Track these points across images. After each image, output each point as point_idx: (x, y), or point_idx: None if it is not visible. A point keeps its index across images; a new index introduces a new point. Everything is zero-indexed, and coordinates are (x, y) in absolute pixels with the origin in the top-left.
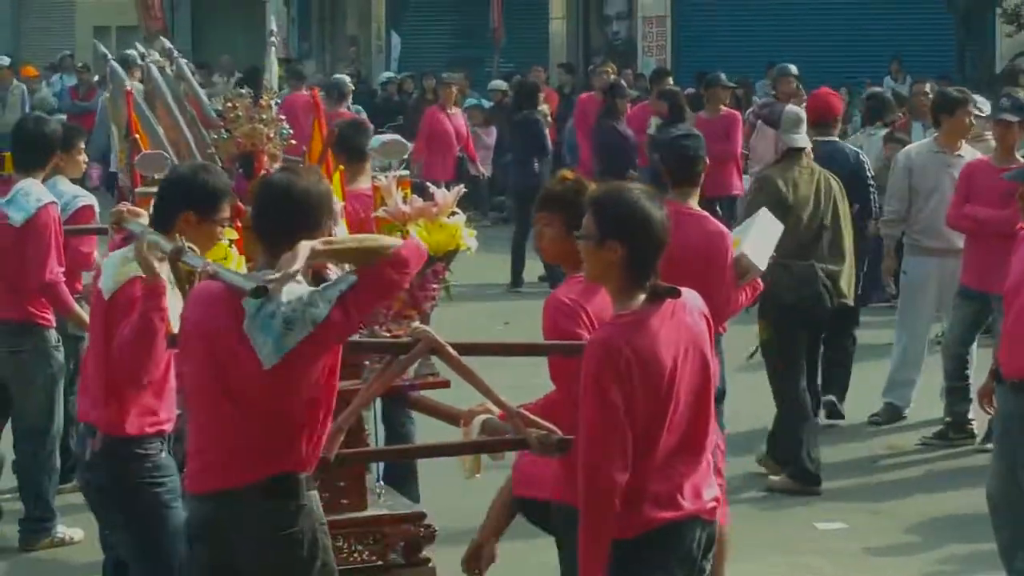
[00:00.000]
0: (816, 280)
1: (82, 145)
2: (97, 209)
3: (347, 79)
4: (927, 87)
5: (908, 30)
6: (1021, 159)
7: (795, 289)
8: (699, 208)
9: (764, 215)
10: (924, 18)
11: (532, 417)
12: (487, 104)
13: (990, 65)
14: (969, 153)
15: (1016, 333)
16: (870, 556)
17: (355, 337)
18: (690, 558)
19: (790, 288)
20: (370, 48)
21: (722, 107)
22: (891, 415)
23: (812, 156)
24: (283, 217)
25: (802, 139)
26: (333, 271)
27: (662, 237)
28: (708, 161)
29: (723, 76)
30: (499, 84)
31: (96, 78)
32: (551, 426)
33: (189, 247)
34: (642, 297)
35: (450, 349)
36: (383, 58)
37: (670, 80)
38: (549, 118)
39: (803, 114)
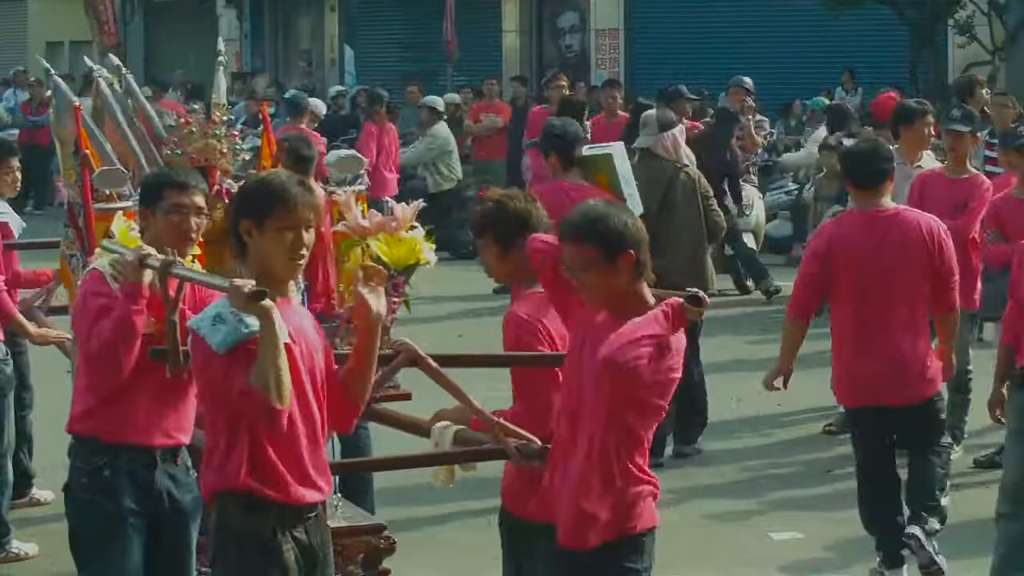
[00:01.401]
0: None
1: (13, 162)
2: (15, 227)
3: (304, 95)
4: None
5: (861, 42)
6: (973, 169)
7: None
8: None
9: (619, 149)
10: (877, 30)
11: (511, 427)
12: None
13: (942, 76)
14: (929, 164)
15: None
16: (825, 566)
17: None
18: None
19: None
20: (323, 62)
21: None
22: (846, 424)
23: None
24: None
25: (645, 140)
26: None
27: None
28: None
29: (684, 89)
30: (453, 97)
31: (48, 92)
32: (530, 436)
33: (178, 260)
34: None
35: (431, 360)
36: (336, 72)
37: (620, 90)
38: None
39: (652, 117)
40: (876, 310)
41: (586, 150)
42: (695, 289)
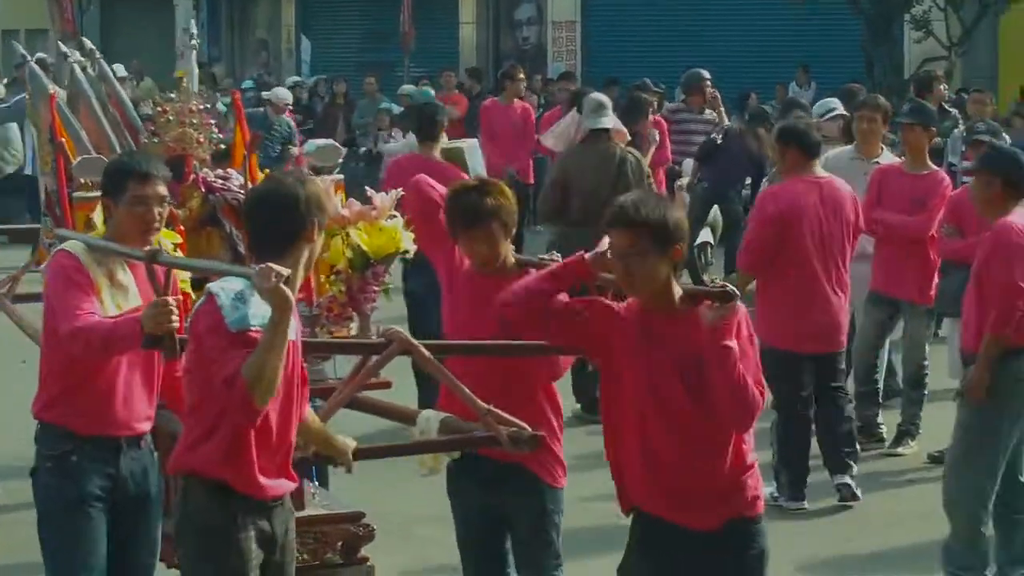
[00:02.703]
0: None
1: None
2: None
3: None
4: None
5: (817, 36)
6: (933, 166)
7: None
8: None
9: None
10: (832, 24)
11: (503, 415)
12: (397, 109)
13: (899, 71)
14: (887, 160)
15: None
16: (779, 560)
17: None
18: None
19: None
20: (280, 52)
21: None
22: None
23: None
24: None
25: (602, 121)
26: None
27: None
28: None
29: (649, 82)
30: (408, 89)
31: (5, 81)
32: (521, 423)
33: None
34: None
35: (423, 349)
36: (293, 62)
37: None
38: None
39: (606, 100)
40: (820, 267)
41: (444, 144)
42: (724, 283)
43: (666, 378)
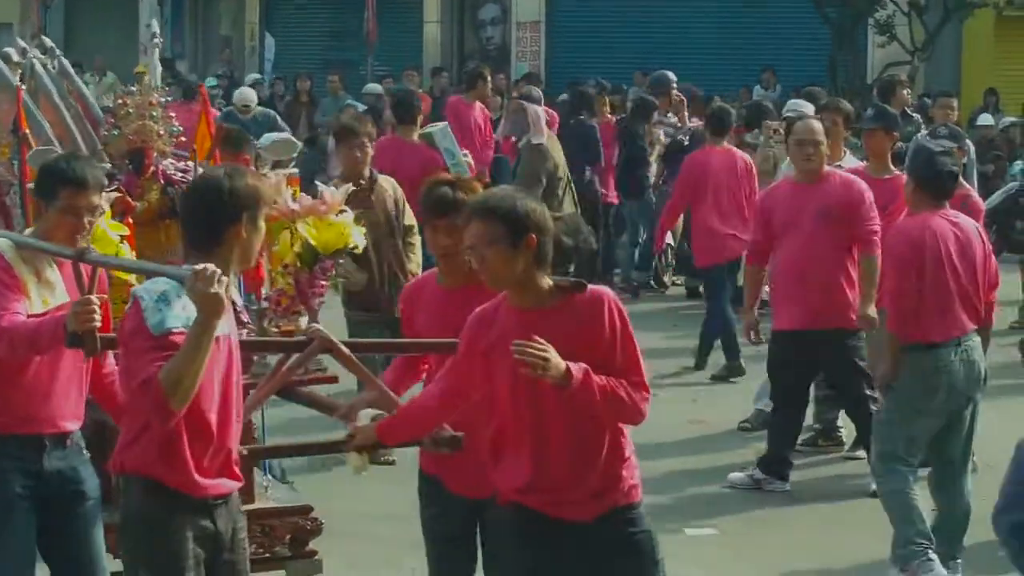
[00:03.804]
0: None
1: None
2: None
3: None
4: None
5: (780, 39)
6: (896, 170)
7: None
8: None
9: (441, 128)
10: (796, 27)
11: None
12: (361, 107)
13: (862, 75)
14: (849, 163)
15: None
16: (741, 562)
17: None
18: None
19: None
20: (244, 50)
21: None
22: (761, 421)
23: None
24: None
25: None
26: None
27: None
28: None
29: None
30: (374, 87)
31: None
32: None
33: (91, 247)
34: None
35: (343, 347)
36: (256, 59)
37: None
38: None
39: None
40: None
41: (422, 129)
42: (577, 278)
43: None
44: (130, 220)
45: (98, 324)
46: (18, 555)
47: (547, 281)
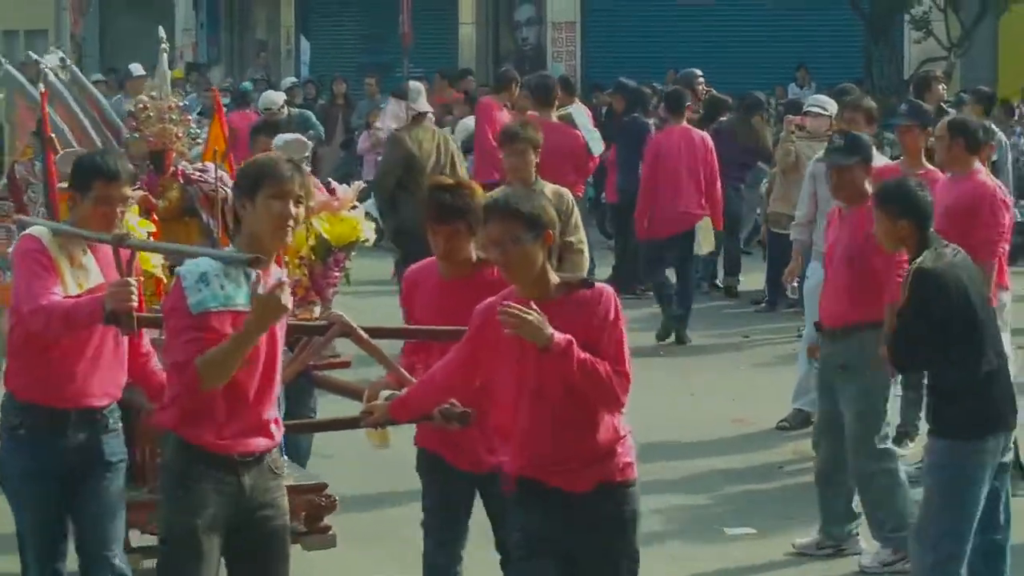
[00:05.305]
0: None
1: None
2: None
3: (249, 86)
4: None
5: (816, 36)
6: (929, 165)
7: None
8: None
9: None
10: (831, 24)
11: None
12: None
13: (898, 71)
14: (879, 160)
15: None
16: (777, 562)
17: None
18: None
19: None
20: (280, 53)
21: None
22: (800, 421)
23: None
24: None
25: (424, 105)
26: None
27: None
28: None
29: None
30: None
31: None
32: (452, 399)
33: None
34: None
35: (361, 331)
36: (292, 63)
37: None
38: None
39: (421, 86)
40: None
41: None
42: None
43: (539, 361)
44: (156, 218)
45: (135, 304)
46: (43, 526)
47: (555, 277)
